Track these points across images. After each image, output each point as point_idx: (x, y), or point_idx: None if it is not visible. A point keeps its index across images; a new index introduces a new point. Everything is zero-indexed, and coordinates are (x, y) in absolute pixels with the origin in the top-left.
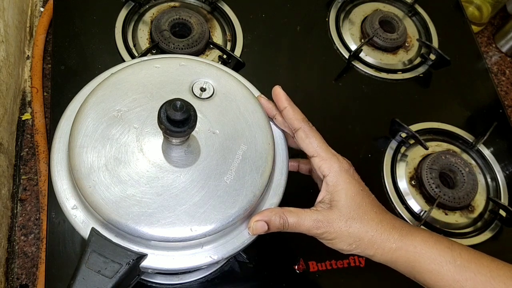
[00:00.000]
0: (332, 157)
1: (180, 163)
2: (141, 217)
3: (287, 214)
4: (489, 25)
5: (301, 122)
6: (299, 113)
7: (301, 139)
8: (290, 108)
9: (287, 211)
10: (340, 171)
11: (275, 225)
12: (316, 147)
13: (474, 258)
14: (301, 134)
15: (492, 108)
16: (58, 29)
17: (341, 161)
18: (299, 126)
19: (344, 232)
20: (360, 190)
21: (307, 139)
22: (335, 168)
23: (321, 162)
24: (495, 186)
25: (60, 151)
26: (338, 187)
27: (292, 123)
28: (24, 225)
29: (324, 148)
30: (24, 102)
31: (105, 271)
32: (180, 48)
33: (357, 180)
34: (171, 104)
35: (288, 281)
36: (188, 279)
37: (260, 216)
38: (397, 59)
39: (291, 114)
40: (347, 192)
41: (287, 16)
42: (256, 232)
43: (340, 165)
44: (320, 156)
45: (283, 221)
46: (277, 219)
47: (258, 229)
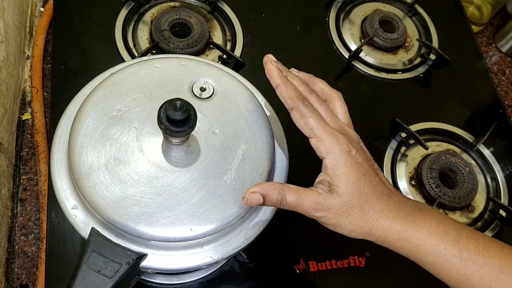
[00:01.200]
0: (330, 137)
1: (180, 163)
2: (141, 217)
3: (287, 191)
4: (489, 25)
5: (294, 100)
6: (293, 90)
7: (296, 119)
8: (283, 86)
9: (287, 187)
10: (340, 153)
11: (272, 200)
12: (312, 127)
13: (482, 249)
14: (295, 114)
15: (492, 108)
16: (58, 29)
17: (341, 142)
18: (293, 105)
19: (344, 219)
20: (363, 174)
21: (302, 119)
22: (334, 150)
23: (318, 144)
24: (495, 186)
25: (60, 151)
26: (337, 171)
27: (286, 102)
28: (24, 225)
29: (322, 127)
30: (24, 102)
31: (105, 271)
32: (180, 48)
33: (360, 163)
34: (171, 104)
35: (288, 281)
36: (188, 279)
37: (257, 188)
38: (397, 59)
39: (284, 93)
40: (347, 177)
41: (287, 16)
42: (249, 203)
43: (340, 146)
44: (317, 137)
45: (281, 198)
46: (275, 194)
47: (252, 201)
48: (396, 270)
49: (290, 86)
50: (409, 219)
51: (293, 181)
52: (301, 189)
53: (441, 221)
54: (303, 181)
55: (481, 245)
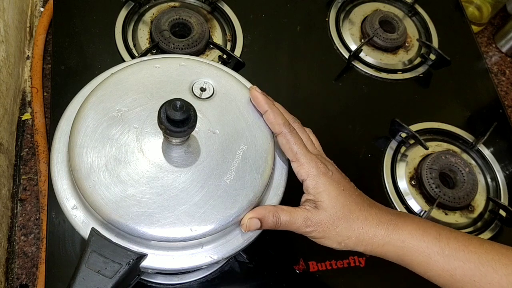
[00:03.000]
0: (310, 162)
1: (180, 163)
2: (141, 217)
3: (280, 212)
4: (489, 25)
5: (281, 126)
6: (280, 117)
7: (282, 144)
8: (271, 112)
9: (280, 209)
10: (318, 175)
11: (268, 223)
12: (295, 152)
13: (462, 246)
14: (281, 140)
15: (492, 108)
16: (58, 29)
17: (318, 165)
18: (280, 131)
19: (332, 232)
20: (342, 190)
21: (287, 144)
22: (312, 172)
23: (298, 168)
24: (495, 186)
25: (60, 151)
26: (318, 189)
27: (273, 128)
28: (24, 225)
29: (303, 153)
30: (24, 102)
31: (105, 271)
32: (180, 48)
33: (337, 181)
34: (171, 104)
35: (288, 281)
36: (188, 279)
37: (254, 214)
38: (397, 59)
39: (271, 119)
40: (329, 193)
41: (287, 16)
42: (249, 229)
43: (318, 169)
44: (299, 161)
45: (276, 219)
46: (270, 217)
47: (251, 227)
48: (396, 270)
49: (277, 112)
50: (391, 223)
51: (293, 181)
52: (292, 209)
53: (421, 224)
54: None
55: (461, 242)
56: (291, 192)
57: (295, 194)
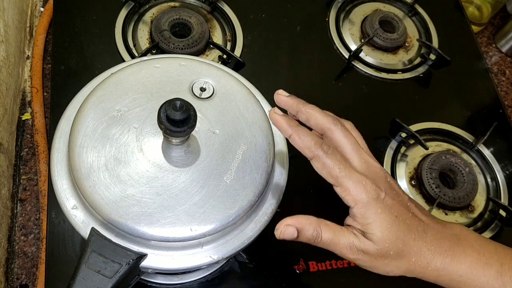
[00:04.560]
0: (356, 186)
1: (180, 163)
2: (141, 217)
3: (323, 228)
4: (489, 25)
5: (312, 150)
6: (308, 138)
7: (318, 169)
8: (296, 136)
9: (324, 224)
10: (368, 201)
11: (306, 235)
12: (336, 176)
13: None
14: (316, 165)
15: (492, 108)
16: (58, 29)
17: (368, 189)
18: (312, 156)
19: (380, 263)
20: (395, 217)
21: (324, 170)
22: (361, 199)
23: (343, 193)
24: (495, 186)
25: (60, 151)
26: (369, 220)
27: (303, 152)
28: (24, 225)
29: (346, 175)
30: (24, 102)
31: (105, 271)
32: (180, 48)
33: (390, 205)
34: (171, 104)
35: (288, 281)
36: (188, 279)
37: (293, 221)
38: (397, 59)
39: (299, 143)
40: (381, 224)
41: (287, 16)
42: (282, 237)
43: (367, 194)
44: (342, 186)
45: (317, 234)
46: (311, 230)
47: (286, 235)
48: None
49: (304, 133)
50: (448, 254)
51: (293, 181)
52: (338, 227)
53: (482, 253)
54: (303, 181)
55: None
56: (291, 192)
57: (295, 194)
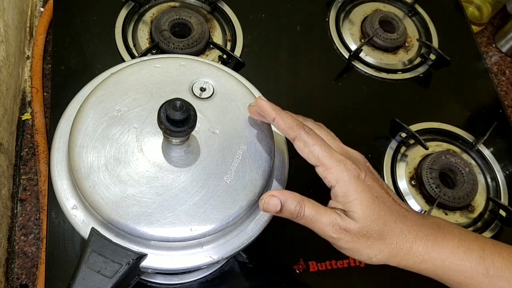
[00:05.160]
0: (338, 164)
1: (180, 163)
2: (141, 217)
3: (306, 204)
4: (489, 25)
5: (295, 130)
6: (291, 120)
7: (300, 149)
8: (279, 118)
9: (307, 200)
10: (349, 179)
11: (289, 209)
12: (317, 155)
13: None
14: (299, 144)
15: (492, 108)
16: (58, 29)
17: (348, 168)
18: (294, 135)
19: (362, 244)
20: (376, 197)
21: (305, 148)
22: (342, 177)
23: (325, 172)
24: (495, 186)
25: (60, 151)
26: (350, 198)
27: (286, 133)
28: (24, 225)
29: (328, 155)
30: (24, 102)
31: (105, 271)
32: (180, 48)
33: (371, 186)
34: (171, 104)
35: (288, 281)
36: (188, 279)
37: (278, 193)
38: (397, 59)
39: (282, 125)
40: (361, 202)
41: (287, 16)
42: (266, 207)
43: (349, 173)
44: (324, 165)
45: (299, 208)
46: (294, 203)
47: (269, 206)
48: (396, 270)
49: (287, 115)
50: (430, 239)
51: (293, 181)
52: (321, 206)
53: (463, 238)
54: (303, 181)
55: (506, 258)
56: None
57: None
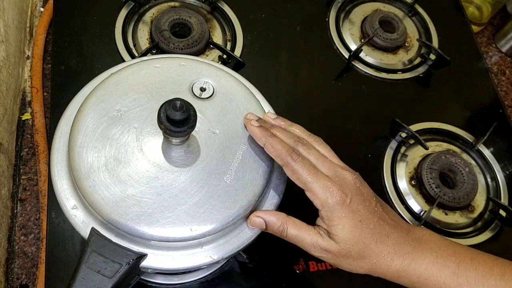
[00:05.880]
0: (323, 191)
1: (180, 163)
2: (141, 217)
3: (289, 224)
4: (489, 25)
5: (283, 157)
6: (280, 146)
7: (289, 175)
8: (269, 145)
9: (291, 221)
10: (333, 205)
11: (273, 229)
12: (304, 182)
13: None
14: (287, 171)
15: (492, 108)
16: (58, 29)
17: (334, 194)
18: (282, 163)
19: (343, 261)
20: (359, 221)
21: (293, 175)
22: (327, 203)
23: (312, 197)
24: (495, 186)
25: (60, 151)
26: (333, 222)
27: (277, 161)
28: (24, 225)
29: (314, 180)
30: (24, 102)
31: (105, 271)
32: (180, 48)
33: (355, 210)
34: (171, 104)
35: (288, 281)
36: (188, 279)
37: (262, 214)
38: (397, 59)
39: (272, 152)
40: (343, 227)
41: (287, 16)
42: (252, 225)
43: (333, 199)
44: (310, 191)
45: (282, 229)
46: (278, 224)
47: (255, 224)
48: None
49: (276, 142)
50: (407, 257)
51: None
52: (304, 226)
53: (440, 255)
54: None
55: (481, 274)
56: (291, 193)
57: (295, 194)
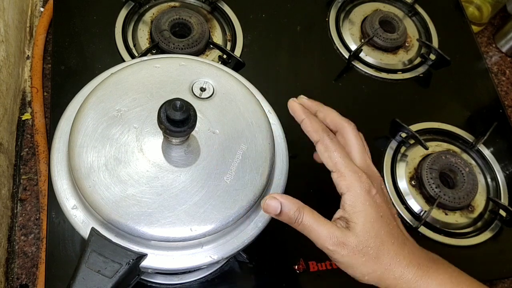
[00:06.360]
0: (352, 174)
1: (180, 163)
2: (141, 217)
3: (306, 212)
4: (489, 25)
5: (320, 133)
6: (318, 124)
7: (320, 152)
8: (307, 120)
9: (308, 209)
10: (360, 191)
11: (288, 213)
12: (335, 162)
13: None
14: (320, 147)
15: (492, 108)
16: (58, 29)
17: (362, 180)
18: (318, 138)
19: (358, 260)
20: (380, 216)
21: (326, 152)
22: (354, 187)
23: (339, 179)
24: (495, 186)
25: (60, 151)
26: (356, 209)
27: (311, 135)
28: (24, 225)
29: (345, 163)
30: (24, 102)
31: (105, 271)
32: (180, 48)
33: (379, 204)
34: (171, 104)
35: (288, 281)
36: (188, 279)
37: (279, 196)
38: (397, 59)
39: (308, 127)
40: (366, 216)
41: (287, 16)
42: (266, 208)
43: (361, 185)
44: (339, 172)
45: (298, 214)
46: (293, 208)
47: (269, 207)
48: None
49: (315, 120)
50: (422, 268)
51: (293, 181)
52: (321, 217)
53: (454, 276)
54: (303, 181)
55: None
56: (291, 192)
57: (296, 194)
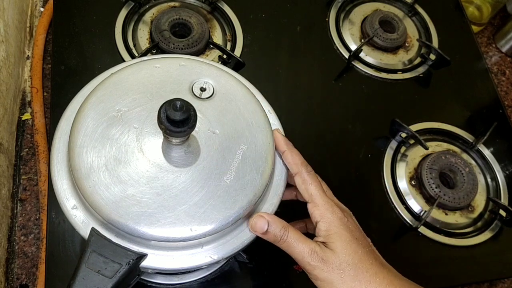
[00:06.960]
0: (325, 204)
1: (180, 163)
2: (141, 217)
3: (291, 230)
4: (489, 25)
5: (299, 166)
6: (298, 157)
7: (298, 184)
8: (289, 152)
9: (292, 228)
10: (332, 217)
11: (274, 231)
12: (311, 193)
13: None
14: (298, 180)
15: (492, 108)
16: (58, 29)
17: (334, 210)
18: (297, 171)
19: (337, 276)
20: (355, 238)
21: (303, 185)
22: (327, 214)
23: (313, 209)
24: (495, 186)
25: (60, 151)
26: (330, 231)
27: (291, 167)
28: (24, 225)
29: (319, 195)
30: (24, 102)
31: (105, 271)
32: (180, 48)
33: (352, 229)
34: (171, 104)
35: (288, 281)
36: (188, 279)
37: (266, 215)
38: (397, 59)
39: (289, 159)
40: (341, 236)
41: (287, 16)
42: (253, 227)
43: (333, 213)
44: (314, 203)
45: (283, 233)
46: (279, 227)
47: (257, 226)
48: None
49: (296, 153)
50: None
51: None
52: (303, 235)
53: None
54: None
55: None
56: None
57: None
